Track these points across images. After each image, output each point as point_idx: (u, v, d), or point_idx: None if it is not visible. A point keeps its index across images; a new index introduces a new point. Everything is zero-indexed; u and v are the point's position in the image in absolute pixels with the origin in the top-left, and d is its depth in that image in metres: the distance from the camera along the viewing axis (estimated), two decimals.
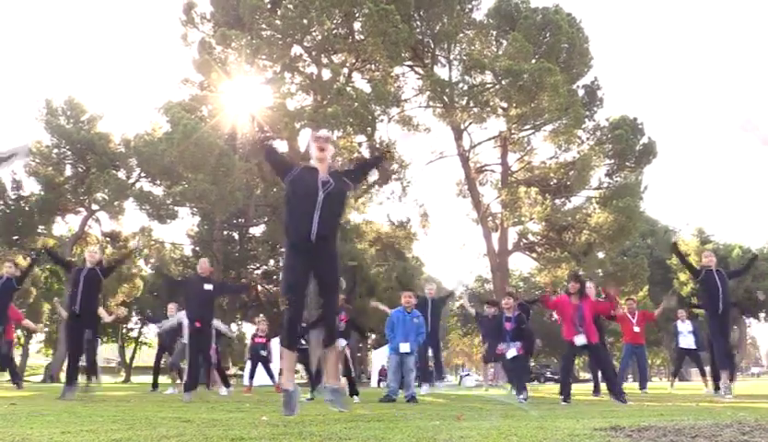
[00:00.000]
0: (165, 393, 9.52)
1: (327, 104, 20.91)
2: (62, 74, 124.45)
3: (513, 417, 4.01)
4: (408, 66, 25.74)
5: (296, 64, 23.26)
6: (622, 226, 23.78)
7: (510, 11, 25.73)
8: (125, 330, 38.91)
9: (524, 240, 27.81)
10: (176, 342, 10.39)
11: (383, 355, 19.29)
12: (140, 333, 40.31)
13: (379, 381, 20.09)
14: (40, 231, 27.47)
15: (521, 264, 44.58)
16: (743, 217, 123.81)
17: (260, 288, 34.26)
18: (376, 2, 20.44)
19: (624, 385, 10.03)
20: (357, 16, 22.09)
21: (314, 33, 21.88)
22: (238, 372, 31.16)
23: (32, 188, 28.25)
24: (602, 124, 26.87)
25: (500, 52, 25.06)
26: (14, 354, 11.74)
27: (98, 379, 12.07)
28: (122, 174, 26.65)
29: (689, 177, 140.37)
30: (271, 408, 5.08)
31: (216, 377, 10.74)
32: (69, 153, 28.17)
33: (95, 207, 28.51)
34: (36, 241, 28.05)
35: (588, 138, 26.59)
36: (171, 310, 10.93)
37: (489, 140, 27.11)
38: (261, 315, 14.68)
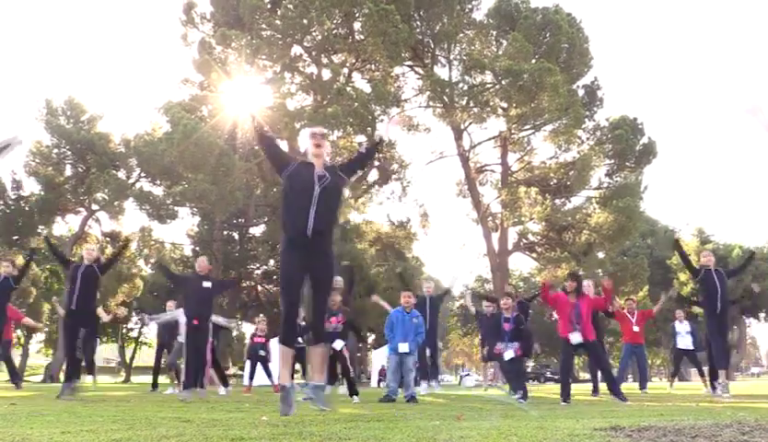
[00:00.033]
0: (165, 393, 9.52)
1: (327, 104, 20.92)
2: (62, 74, 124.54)
3: (513, 417, 4.01)
4: (408, 66, 25.73)
5: (296, 64, 23.27)
6: (622, 226, 23.76)
7: (510, 11, 25.71)
8: (125, 330, 38.90)
9: (524, 240, 27.81)
10: (174, 339, 10.38)
11: (383, 355, 19.26)
12: (140, 333, 40.30)
13: (379, 381, 20.07)
14: (40, 231, 27.45)
15: (521, 264, 44.61)
16: (743, 217, 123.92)
17: (260, 288, 34.29)
18: (376, 2, 20.44)
19: (624, 385, 10.03)
20: (357, 16, 22.09)
21: (314, 33, 21.89)
22: (238, 372, 31.14)
23: (32, 188, 28.32)
24: (602, 124, 26.87)
25: (500, 52, 25.05)
26: (12, 353, 11.76)
27: (94, 379, 12.09)
28: (122, 174, 26.67)
29: (689, 177, 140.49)
30: (270, 408, 5.08)
31: (215, 376, 10.72)
32: (69, 153, 28.18)
33: (95, 207, 28.51)
34: (36, 241, 28.06)
35: (588, 138, 26.59)
36: (170, 307, 10.93)
37: (489, 140, 27.11)
38: (261, 315, 14.68)
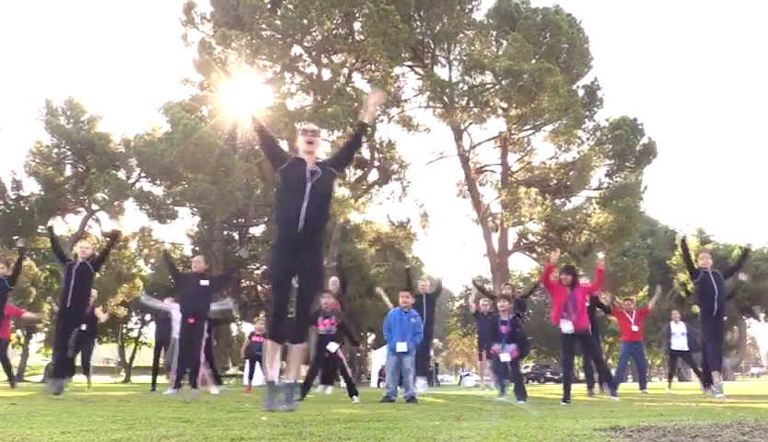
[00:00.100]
0: (164, 393, 9.51)
1: (327, 104, 20.89)
2: (62, 74, 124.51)
3: (513, 417, 4.01)
4: (408, 66, 25.71)
5: (296, 64, 23.25)
6: (622, 227, 23.75)
7: (510, 11, 25.70)
8: (125, 330, 38.87)
9: (524, 241, 27.81)
10: (170, 337, 10.37)
11: (383, 355, 19.25)
12: (140, 333, 40.29)
13: (379, 381, 20.08)
14: (40, 231, 27.44)
15: (521, 264, 44.61)
16: (743, 217, 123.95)
17: (259, 288, 34.30)
18: (376, 2, 20.42)
19: (624, 385, 10.06)
20: (357, 16, 22.07)
21: (314, 33, 21.87)
22: (239, 372, 31.15)
23: (32, 188, 28.29)
24: (602, 124, 26.84)
25: (500, 53, 25.03)
26: (8, 353, 11.74)
27: (89, 380, 12.07)
28: (122, 174, 26.66)
29: (689, 177, 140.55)
30: None
31: (208, 376, 10.69)
32: (69, 153, 28.17)
33: (95, 207, 28.49)
34: (36, 241, 28.04)
35: (588, 138, 26.56)
36: (166, 305, 10.90)
37: (489, 140, 27.08)
38: (262, 314, 14.68)
